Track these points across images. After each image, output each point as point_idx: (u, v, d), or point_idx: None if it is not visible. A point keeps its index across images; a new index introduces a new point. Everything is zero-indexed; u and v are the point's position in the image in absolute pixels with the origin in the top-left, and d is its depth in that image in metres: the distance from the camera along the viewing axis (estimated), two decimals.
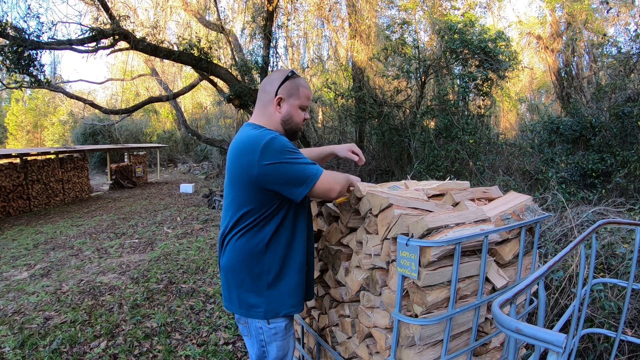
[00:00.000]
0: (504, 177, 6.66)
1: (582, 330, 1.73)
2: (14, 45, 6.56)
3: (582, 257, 1.36)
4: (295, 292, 1.48)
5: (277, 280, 1.44)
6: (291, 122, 1.51)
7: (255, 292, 1.44)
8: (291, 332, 1.54)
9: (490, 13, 11.68)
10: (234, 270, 1.45)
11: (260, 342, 1.48)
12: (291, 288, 1.46)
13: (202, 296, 4.04)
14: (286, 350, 1.53)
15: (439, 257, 1.17)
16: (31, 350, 3.03)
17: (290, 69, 1.52)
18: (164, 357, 2.89)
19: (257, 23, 9.29)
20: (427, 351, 1.24)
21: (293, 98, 1.49)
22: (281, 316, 1.46)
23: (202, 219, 8.25)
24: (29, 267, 5.36)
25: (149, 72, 13.76)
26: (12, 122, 29.00)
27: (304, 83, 1.52)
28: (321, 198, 1.47)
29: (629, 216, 3.65)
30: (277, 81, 1.47)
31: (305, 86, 1.52)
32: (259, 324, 1.45)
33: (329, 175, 1.39)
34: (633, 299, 2.45)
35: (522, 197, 1.62)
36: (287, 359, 1.55)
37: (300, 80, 1.51)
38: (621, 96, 6.60)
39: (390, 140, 8.97)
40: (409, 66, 8.48)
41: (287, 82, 1.48)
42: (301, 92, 1.50)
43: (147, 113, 24.69)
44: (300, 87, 1.49)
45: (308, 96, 1.52)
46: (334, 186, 1.39)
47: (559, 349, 0.69)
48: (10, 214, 9.96)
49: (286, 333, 1.50)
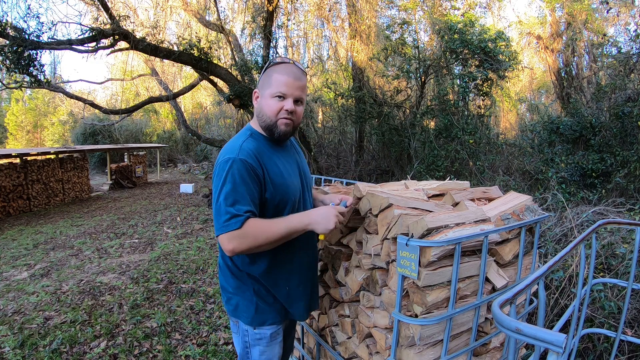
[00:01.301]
0: (504, 177, 6.66)
1: (582, 330, 1.73)
2: (14, 45, 6.57)
3: (582, 257, 1.36)
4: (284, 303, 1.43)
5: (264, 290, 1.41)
6: (263, 117, 1.34)
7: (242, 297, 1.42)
8: (277, 339, 1.46)
9: (490, 13, 11.69)
10: (221, 274, 1.49)
11: (244, 342, 1.45)
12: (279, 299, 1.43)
13: (202, 296, 4.04)
14: (270, 357, 1.45)
15: (439, 257, 1.17)
16: (31, 350, 3.03)
17: (273, 59, 1.37)
18: (164, 357, 2.89)
19: (257, 23, 9.29)
20: (427, 351, 1.24)
21: (265, 88, 1.33)
22: (267, 325, 1.41)
23: (202, 219, 8.25)
24: (29, 267, 5.36)
25: (149, 72, 13.76)
26: (12, 122, 29.00)
27: (281, 69, 1.32)
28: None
29: (629, 216, 3.65)
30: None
31: (281, 71, 1.31)
32: (245, 327, 1.43)
33: (239, 237, 1.19)
34: (633, 299, 2.45)
35: (522, 197, 1.62)
36: None
37: (278, 67, 1.32)
38: (621, 96, 6.60)
39: (390, 140, 8.98)
40: (409, 66, 8.48)
41: (263, 74, 1.35)
42: (273, 80, 1.30)
43: (147, 113, 24.69)
44: (273, 74, 1.31)
45: (284, 82, 1.29)
46: (234, 247, 1.20)
47: (559, 349, 0.69)
48: (10, 214, 9.96)
49: (271, 340, 1.43)
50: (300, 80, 1.33)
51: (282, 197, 1.33)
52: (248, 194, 1.23)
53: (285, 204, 1.35)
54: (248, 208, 1.22)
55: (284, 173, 1.36)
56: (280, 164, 1.36)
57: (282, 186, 1.33)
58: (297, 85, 1.32)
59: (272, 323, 1.41)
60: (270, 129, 1.34)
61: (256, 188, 1.26)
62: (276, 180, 1.32)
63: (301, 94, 1.34)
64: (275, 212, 1.33)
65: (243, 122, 14.06)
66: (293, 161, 1.47)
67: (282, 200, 1.34)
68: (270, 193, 1.31)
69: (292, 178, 1.40)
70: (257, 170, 1.26)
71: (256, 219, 1.24)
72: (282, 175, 1.34)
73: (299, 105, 1.36)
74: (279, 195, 1.32)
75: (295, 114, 1.34)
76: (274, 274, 1.39)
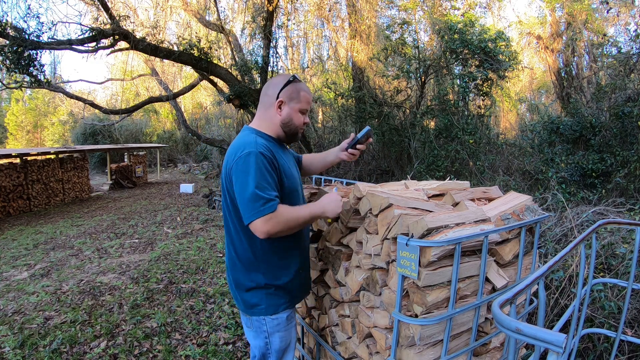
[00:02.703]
0: (504, 177, 6.66)
1: (582, 330, 1.73)
2: (14, 45, 6.57)
3: (582, 257, 1.36)
4: (291, 290, 1.55)
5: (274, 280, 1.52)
6: (290, 125, 1.54)
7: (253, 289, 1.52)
8: (293, 322, 1.59)
9: (490, 13, 11.70)
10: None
11: (263, 333, 1.52)
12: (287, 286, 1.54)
13: (202, 296, 4.04)
14: (288, 340, 1.56)
15: (439, 257, 1.17)
16: (31, 350, 3.03)
17: (292, 74, 1.56)
18: (164, 357, 2.89)
19: (257, 23, 9.29)
20: (427, 351, 1.24)
21: (294, 102, 1.52)
22: (282, 310, 1.52)
23: (202, 219, 8.25)
24: (29, 267, 5.36)
25: (149, 72, 13.77)
26: (12, 122, 29.01)
27: (305, 88, 1.55)
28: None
29: (629, 216, 3.65)
30: (279, 85, 1.51)
31: (306, 90, 1.55)
32: (262, 318, 1.51)
33: (274, 218, 1.32)
34: (633, 299, 2.45)
35: (522, 197, 1.62)
36: (289, 350, 1.58)
37: (302, 85, 1.54)
38: (621, 96, 6.60)
39: (390, 140, 8.98)
40: (409, 66, 8.48)
41: (289, 86, 1.51)
42: (302, 96, 1.53)
43: (147, 113, 24.70)
44: (301, 91, 1.52)
45: (308, 100, 1.55)
46: (270, 229, 1.32)
47: (559, 349, 0.69)
48: (10, 214, 9.96)
49: (288, 324, 1.55)
50: (311, 95, 1.62)
51: (292, 187, 1.52)
52: (273, 182, 1.39)
53: (294, 194, 1.54)
54: (277, 194, 1.38)
55: (291, 167, 1.57)
56: (284, 160, 1.54)
57: (291, 178, 1.53)
58: (310, 99, 1.60)
59: (286, 307, 1.53)
60: (294, 135, 1.58)
61: (276, 178, 1.42)
62: (287, 172, 1.50)
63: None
64: (288, 201, 1.48)
65: (243, 122, 14.05)
66: (290, 158, 1.66)
67: (292, 191, 1.51)
68: (283, 183, 1.47)
69: (294, 172, 1.60)
70: (274, 162, 1.43)
71: (283, 204, 1.40)
72: (290, 169, 1.54)
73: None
74: (290, 186, 1.51)
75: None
76: (286, 258, 1.53)
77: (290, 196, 1.50)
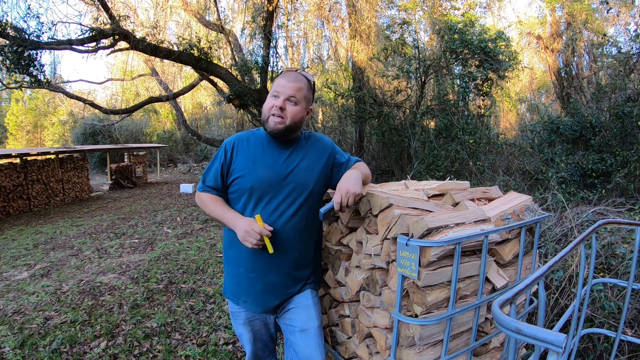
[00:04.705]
0: (504, 177, 6.66)
1: (582, 330, 1.73)
2: (14, 45, 6.57)
3: (582, 257, 1.36)
4: (231, 283, 1.55)
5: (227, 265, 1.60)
6: (264, 113, 1.47)
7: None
8: (238, 321, 1.55)
9: (490, 13, 11.69)
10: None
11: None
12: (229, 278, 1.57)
13: (202, 296, 4.04)
14: (239, 333, 1.60)
15: (439, 257, 1.17)
16: (31, 350, 3.03)
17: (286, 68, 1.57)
18: (164, 357, 2.89)
19: (257, 23, 9.28)
20: (427, 351, 1.24)
21: (271, 90, 1.47)
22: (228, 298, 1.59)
23: (202, 219, 8.24)
24: (29, 267, 5.36)
25: (149, 72, 13.77)
26: (12, 122, 29.01)
27: (283, 74, 1.46)
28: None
29: (629, 216, 3.65)
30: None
31: (282, 75, 1.45)
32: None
33: (198, 197, 1.54)
34: (633, 299, 2.45)
35: (522, 197, 1.62)
36: (241, 341, 1.61)
37: (282, 73, 1.48)
38: (621, 96, 6.60)
39: (390, 140, 8.98)
40: (409, 66, 8.48)
41: (276, 79, 1.50)
42: (274, 83, 1.45)
43: (147, 113, 24.69)
44: (276, 79, 1.46)
45: (281, 83, 1.42)
46: (197, 202, 1.56)
47: (559, 349, 0.69)
48: (10, 214, 9.96)
49: (233, 318, 1.58)
50: (296, 81, 1.42)
51: (242, 184, 1.44)
52: (214, 169, 1.49)
53: (244, 192, 1.44)
54: (211, 178, 1.50)
55: (256, 163, 1.44)
56: (260, 155, 1.45)
57: (250, 175, 1.43)
58: (292, 85, 1.40)
59: (232, 301, 1.56)
60: (264, 125, 1.46)
61: (219, 167, 1.48)
62: (244, 167, 1.44)
63: (295, 93, 1.41)
64: (234, 194, 1.48)
65: (243, 122, 14.07)
66: (284, 156, 1.47)
67: (241, 188, 1.45)
68: (231, 175, 1.47)
69: (265, 170, 1.43)
70: (229, 153, 1.47)
71: (211, 194, 1.49)
72: (253, 165, 1.44)
73: (293, 105, 1.41)
74: (241, 182, 1.44)
75: (286, 111, 1.40)
76: (238, 255, 1.50)
77: (238, 192, 1.45)
